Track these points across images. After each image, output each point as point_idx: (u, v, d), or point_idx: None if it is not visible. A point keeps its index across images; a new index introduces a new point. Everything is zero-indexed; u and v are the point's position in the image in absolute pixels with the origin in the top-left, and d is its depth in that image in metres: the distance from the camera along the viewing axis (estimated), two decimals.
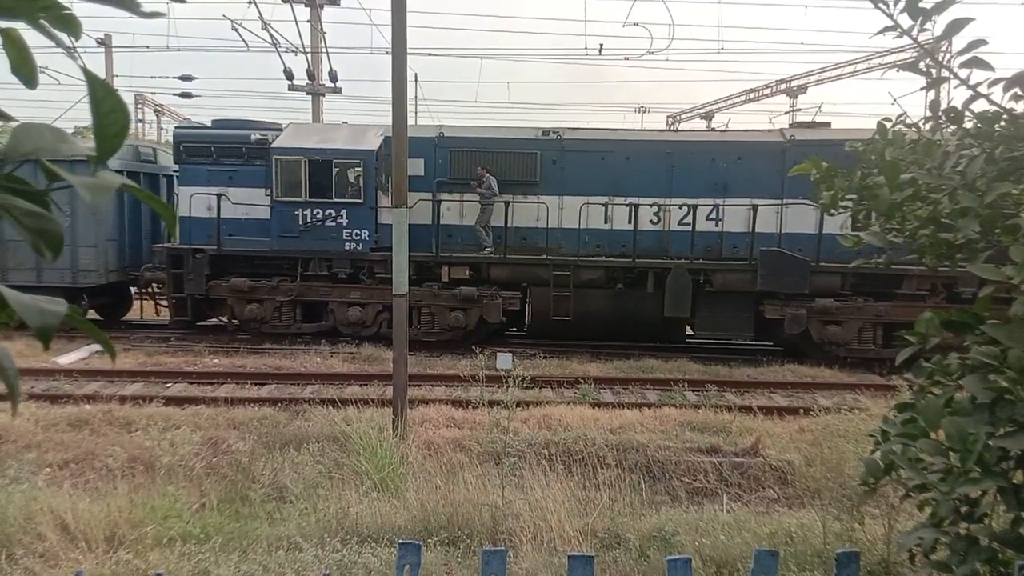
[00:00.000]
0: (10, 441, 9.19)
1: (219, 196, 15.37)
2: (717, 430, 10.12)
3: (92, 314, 17.51)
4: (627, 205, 15.19)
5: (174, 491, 6.95)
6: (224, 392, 11.90)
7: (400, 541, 3.01)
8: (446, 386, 12.63)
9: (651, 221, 15.30)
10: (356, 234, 15.51)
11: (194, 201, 15.72)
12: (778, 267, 14.26)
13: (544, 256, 15.20)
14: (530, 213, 15.49)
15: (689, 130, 19.09)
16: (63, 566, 5.33)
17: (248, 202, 15.54)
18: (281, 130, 16.39)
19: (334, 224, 15.45)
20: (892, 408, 2.71)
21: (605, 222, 15.43)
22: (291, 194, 15.37)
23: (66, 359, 13.85)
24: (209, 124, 17.37)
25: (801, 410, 11.11)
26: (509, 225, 15.20)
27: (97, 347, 14.36)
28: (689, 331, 16.20)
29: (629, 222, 15.05)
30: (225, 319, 16.65)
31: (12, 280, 15.96)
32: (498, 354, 13.90)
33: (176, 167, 16.97)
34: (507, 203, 15.09)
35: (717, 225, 15.08)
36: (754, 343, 16.25)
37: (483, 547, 3.06)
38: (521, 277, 15.45)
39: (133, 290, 18.38)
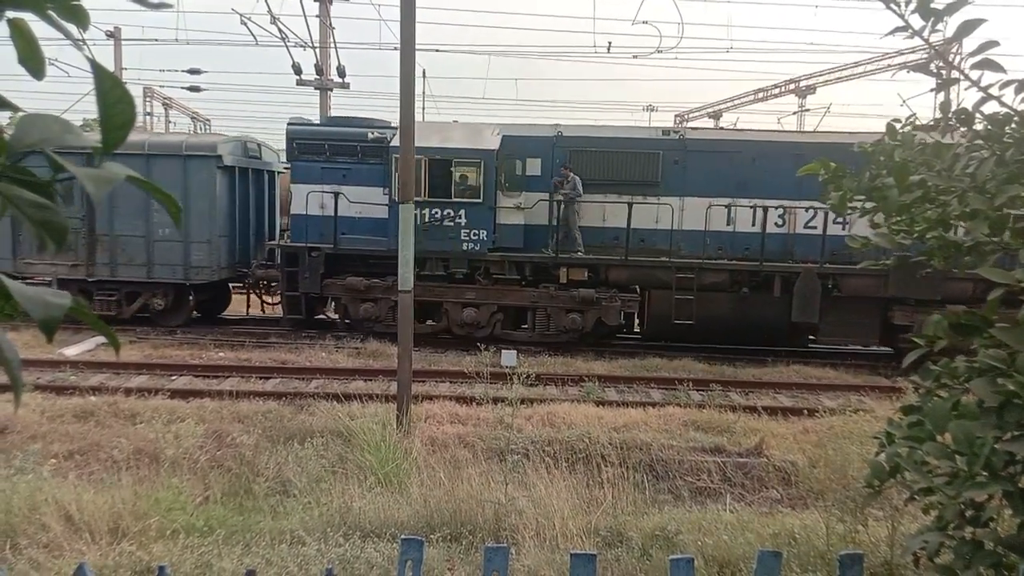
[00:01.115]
0: (16, 432, 9.22)
1: (336, 195, 15.17)
2: (721, 430, 10.11)
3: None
4: (752, 207, 14.97)
5: (178, 483, 6.97)
6: (229, 385, 11.93)
7: (403, 536, 3.01)
8: (450, 382, 12.63)
9: (776, 224, 15.06)
10: (474, 234, 15.25)
11: (307, 198, 15.57)
12: (911, 272, 14.05)
13: (667, 258, 14.95)
14: (649, 214, 15.21)
15: (820, 131, 18.72)
16: (67, 557, 5.35)
17: (363, 200, 15.35)
18: (389, 127, 16.15)
19: (452, 224, 15.20)
20: (898, 410, 2.70)
21: (727, 224, 15.13)
22: None
23: (72, 351, 13.90)
24: (317, 121, 17.08)
25: (806, 411, 11.08)
26: (631, 227, 14.84)
27: (103, 339, 14.41)
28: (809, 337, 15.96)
29: (753, 224, 14.81)
30: (336, 317, 16.55)
31: (122, 275, 16.06)
32: (502, 351, 13.90)
33: (285, 164, 16.87)
34: (629, 204, 14.78)
35: (844, 228, 14.37)
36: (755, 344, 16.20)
37: (486, 544, 3.06)
38: (641, 280, 15.22)
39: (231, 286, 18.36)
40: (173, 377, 12.50)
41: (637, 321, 16.42)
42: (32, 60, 1.04)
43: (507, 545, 3.02)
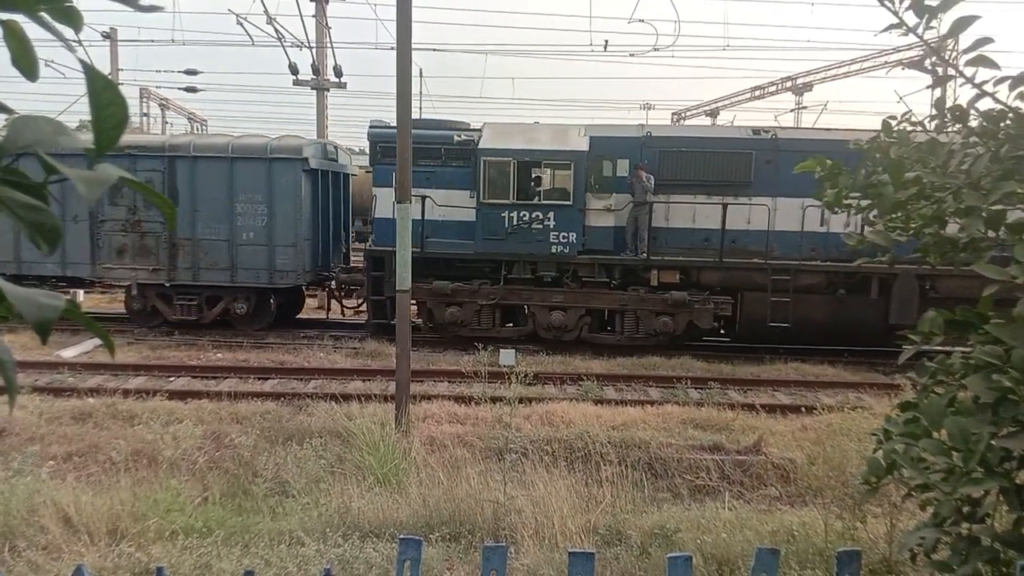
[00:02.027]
0: (14, 434, 9.22)
1: (424, 198, 14.93)
2: (720, 428, 10.12)
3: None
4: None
5: (177, 485, 6.96)
6: (227, 386, 11.93)
7: (401, 536, 3.01)
8: (449, 382, 12.64)
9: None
10: (563, 236, 15.04)
11: (387, 201, 14.90)
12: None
13: (762, 260, 14.75)
14: (741, 215, 14.99)
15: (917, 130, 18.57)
16: (65, 559, 5.34)
17: (448, 203, 15.19)
18: (472, 129, 16.01)
19: (541, 226, 15.00)
20: (895, 407, 2.71)
21: (821, 224, 14.82)
22: (498, 196, 14.98)
23: (69, 352, 13.89)
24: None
25: (804, 408, 11.08)
26: (724, 228, 14.65)
27: (100, 341, 14.40)
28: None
29: (847, 225, 14.43)
30: (419, 321, 16.33)
31: (205, 280, 15.96)
32: (501, 350, 13.90)
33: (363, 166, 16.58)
34: (724, 205, 14.62)
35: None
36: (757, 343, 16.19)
37: (484, 543, 3.06)
38: (734, 282, 14.97)
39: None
40: (171, 378, 12.50)
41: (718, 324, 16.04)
42: (25, 61, 1.04)
43: (506, 544, 3.02)
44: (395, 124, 16.23)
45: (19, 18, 1.02)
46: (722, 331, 16.19)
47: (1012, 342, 2.29)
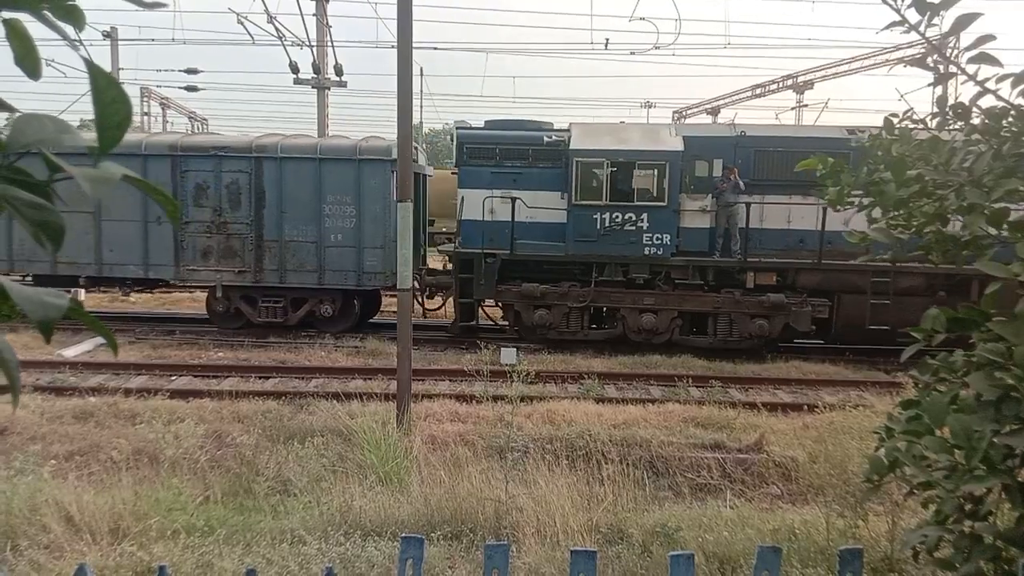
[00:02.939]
0: (15, 433, 9.23)
1: (513, 200, 14.80)
2: (721, 426, 10.12)
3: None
4: None
5: (178, 484, 6.96)
6: (229, 385, 11.93)
7: (403, 535, 3.01)
8: (450, 380, 12.64)
9: None
10: (657, 238, 14.82)
11: (473, 203, 15.27)
12: None
13: (862, 261, 14.53)
14: (838, 216, 14.56)
15: None
16: (68, 558, 5.34)
17: (537, 205, 14.97)
18: (559, 130, 15.83)
19: (634, 228, 14.78)
20: (897, 405, 2.70)
21: None
22: (590, 197, 14.79)
23: (71, 352, 13.90)
24: (473, 125, 16.64)
25: (806, 407, 11.09)
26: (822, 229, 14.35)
27: (102, 340, 14.39)
28: None
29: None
30: (506, 323, 16.29)
31: (291, 282, 15.84)
32: (502, 349, 13.90)
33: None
34: (824, 207, 14.11)
35: None
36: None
37: (486, 541, 3.06)
38: (832, 284, 14.74)
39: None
40: (173, 377, 12.51)
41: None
42: (28, 60, 1.04)
43: (507, 543, 3.02)
44: (482, 125, 16.26)
45: (22, 17, 1.02)
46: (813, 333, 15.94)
47: (1014, 339, 2.29)
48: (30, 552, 5.45)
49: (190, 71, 34.34)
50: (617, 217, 14.81)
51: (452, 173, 16.90)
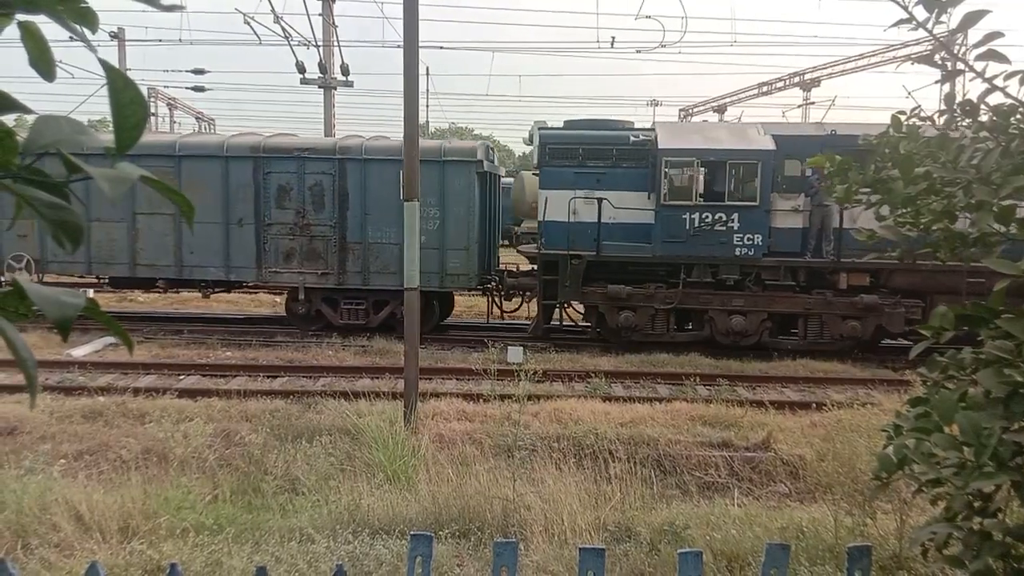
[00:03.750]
0: (25, 432, 9.28)
1: (599, 200, 14.63)
2: (728, 425, 10.11)
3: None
4: None
5: (187, 482, 7.00)
6: (237, 384, 11.97)
7: (412, 533, 3.02)
8: (457, 379, 12.66)
9: None
10: (748, 239, 14.56)
11: (557, 204, 15.00)
12: None
13: (960, 263, 14.36)
14: None
15: None
16: (78, 556, 5.37)
17: (622, 205, 14.73)
18: (643, 129, 15.66)
19: (724, 228, 14.54)
20: (905, 403, 2.70)
21: None
22: (679, 197, 14.55)
23: (80, 351, 13.95)
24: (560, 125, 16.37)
25: (813, 405, 11.08)
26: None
27: (111, 339, 14.45)
28: None
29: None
30: (587, 325, 16.11)
31: (375, 284, 15.80)
32: (509, 348, 13.91)
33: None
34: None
35: None
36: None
37: (495, 539, 3.07)
38: (925, 284, 14.46)
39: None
40: (181, 377, 12.55)
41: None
42: (43, 62, 1.05)
43: (516, 540, 3.03)
44: (563, 126, 16.05)
45: (35, 18, 1.04)
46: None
47: (1023, 336, 2.29)
48: (41, 550, 5.48)
49: (197, 71, 34.48)
50: (707, 217, 14.58)
51: (534, 174, 16.79)
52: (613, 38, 28.80)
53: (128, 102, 1.00)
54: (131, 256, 16.03)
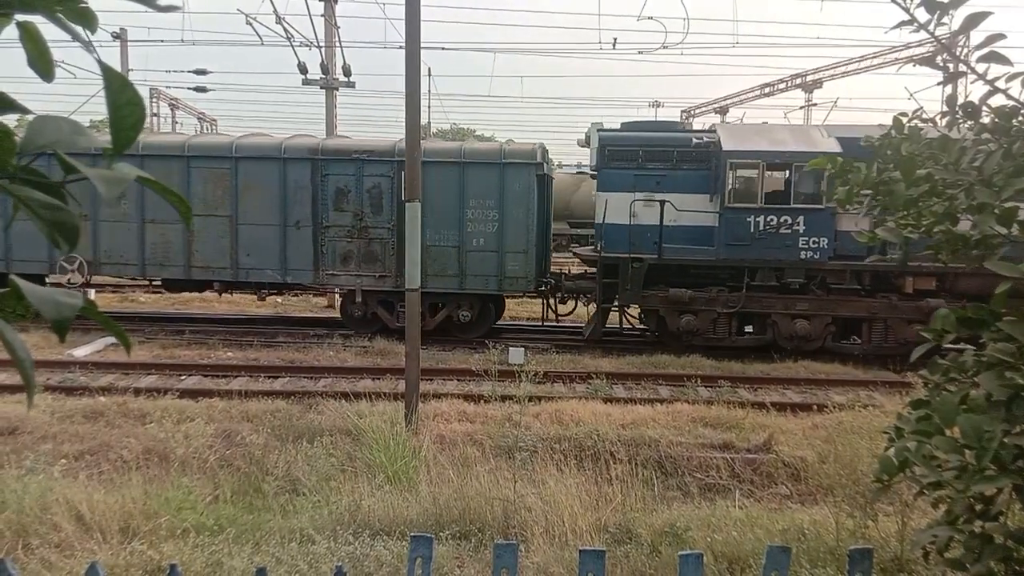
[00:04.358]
0: (26, 432, 9.28)
1: (662, 203, 14.42)
2: (730, 426, 10.10)
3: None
4: None
5: (188, 483, 6.99)
6: (238, 385, 11.97)
7: (412, 534, 3.02)
8: (458, 380, 12.66)
9: None
10: (813, 242, 14.34)
11: (617, 206, 14.80)
12: None
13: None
14: None
15: None
16: (78, 556, 5.37)
17: (684, 208, 14.51)
18: (699, 131, 15.48)
19: (789, 231, 14.32)
20: (907, 405, 2.70)
21: None
22: (744, 200, 14.39)
23: (81, 351, 13.96)
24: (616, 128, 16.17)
25: (815, 407, 11.07)
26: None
27: (112, 340, 14.46)
28: None
29: None
30: (644, 329, 16.01)
31: (433, 286, 15.49)
32: (510, 349, 13.90)
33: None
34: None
35: None
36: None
37: (495, 541, 3.06)
38: (992, 288, 14.12)
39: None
40: (182, 377, 12.55)
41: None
42: (41, 63, 1.05)
43: (516, 542, 3.03)
44: (622, 128, 15.88)
45: (33, 19, 1.03)
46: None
47: None
48: (41, 551, 5.48)
49: (199, 72, 34.51)
50: (772, 220, 14.39)
51: (591, 175, 16.61)
52: (615, 39, 28.80)
53: (125, 103, 0.99)
54: (186, 258, 15.94)
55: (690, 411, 10.66)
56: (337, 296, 18.41)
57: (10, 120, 1.04)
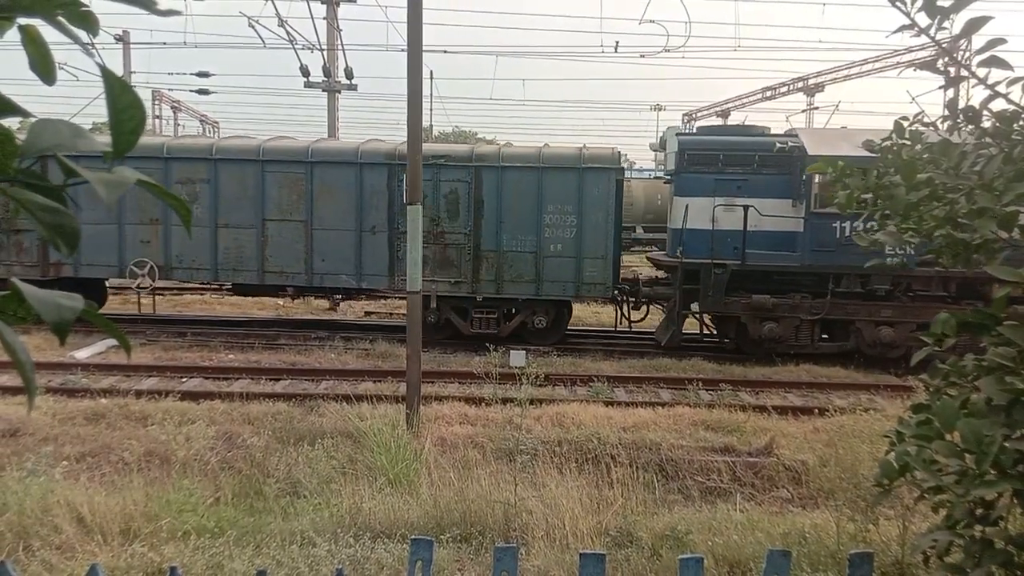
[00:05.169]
0: (28, 434, 9.28)
1: (746, 208, 14.21)
2: (731, 429, 10.09)
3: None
4: None
5: (189, 485, 6.99)
6: (239, 387, 11.98)
7: (413, 537, 3.02)
8: (459, 383, 12.66)
9: None
10: (900, 248, 14.13)
11: (698, 211, 14.63)
12: None
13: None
14: None
15: None
16: (79, 558, 5.38)
17: (766, 213, 14.33)
18: (780, 135, 15.37)
19: None
20: (907, 409, 2.70)
21: None
22: (830, 205, 13.55)
23: (83, 353, 13.97)
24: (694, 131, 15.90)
25: (816, 410, 11.06)
26: None
27: (114, 342, 14.48)
28: None
29: None
30: (717, 335, 15.83)
31: (509, 292, 15.43)
32: (511, 352, 13.90)
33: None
34: None
35: None
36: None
37: (495, 544, 3.06)
38: None
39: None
40: (183, 379, 12.56)
41: None
42: (43, 66, 1.05)
43: (516, 545, 3.03)
44: (697, 132, 15.61)
45: (35, 22, 1.04)
46: None
47: None
48: (42, 552, 5.49)
49: (201, 74, 34.54)
50: (859, 226, 14.37)
51: (666, 180, 16.34)
52: (617, 43, 28.82)
53: (126, 106, 1.00)
54: (260, 263, 15.83)
55: (691, 414, 10.66)
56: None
57: (12, 123, 1.05)
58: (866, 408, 10.38)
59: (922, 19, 2.57)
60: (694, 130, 15.83)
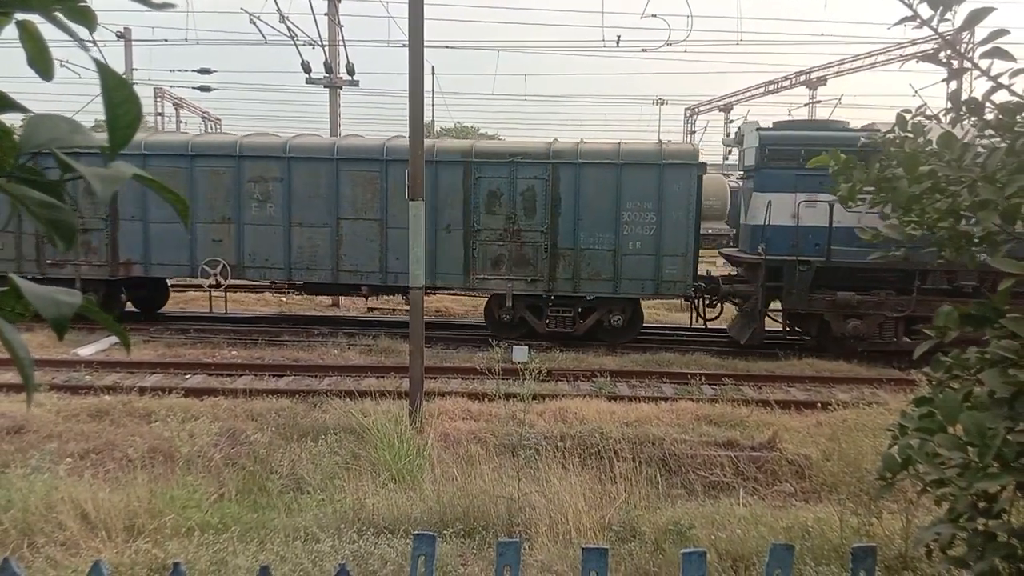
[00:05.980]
0: (32, 431, 9.30)
1: (831, 204, 13.82)
2: (734, 424, 10.09)
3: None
4: None
5: (193, 481, 7.00)
6: (242, 383, 11.99)
7: (416, 532, 3.02)
8: (462, 379, 12.66)
9: None
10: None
11: (780, 207, 14.51)
12: None
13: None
14: None
15: None
16: (83, 555, 5.39)
17: (852, 209, 14.14)
18: (861, 130, 15.08)
19: None
20: (910, 402, 2.69)
21: None
22: None
23: (86, 350, 13.99)
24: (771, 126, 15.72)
25: (819, 404, 11.05)
26: None
27: (117, 338, 14.49)
28: None
29: None
30: (796, 332, 15.66)
31: (585, 290, 15.33)
32: (514, 347, 13.91)
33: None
34: None
35: None
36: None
37: (498, 539, 3.06)
38: None
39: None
40: (187, 376, 12.58)
41: None
42: (40, 62, 1.05)
43: (520, 540, 3.03)
44: (775, 127, 15.37)
45: (34, 18, 1.03)
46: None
47: None
48: (47, 549, 5.50)
49: (203, 71, 34.54)
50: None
51: (744, 177, 16.17)
52: (619, 37, 28.78)
53: (121, 101, 0.99)
54: (334, 262, 15.78)
55: (694, 409, 10.66)
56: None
57: (12, 120, 1.05)
58: (869, 402, 10.40)
59: (924, 11, 2.56)
60: (769, 125, 15.61)
